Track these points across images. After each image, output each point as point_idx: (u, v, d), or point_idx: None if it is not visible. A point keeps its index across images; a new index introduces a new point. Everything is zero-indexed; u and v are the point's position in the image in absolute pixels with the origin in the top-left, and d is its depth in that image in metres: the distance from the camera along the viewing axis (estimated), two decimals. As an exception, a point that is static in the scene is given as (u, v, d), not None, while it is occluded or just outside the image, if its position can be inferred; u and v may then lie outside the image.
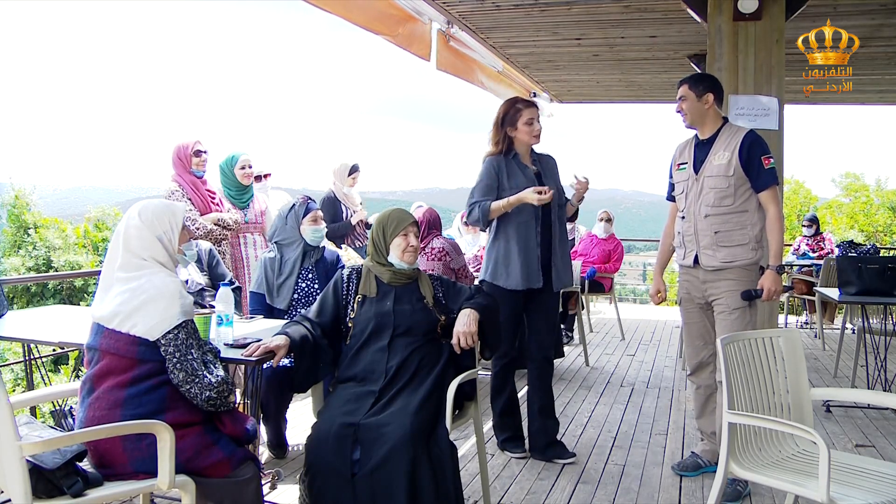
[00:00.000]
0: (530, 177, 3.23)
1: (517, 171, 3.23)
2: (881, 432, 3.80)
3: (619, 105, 9.71)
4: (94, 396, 1.98)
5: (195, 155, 3.90)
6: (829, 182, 18.17)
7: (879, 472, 2.10)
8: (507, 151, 3.25)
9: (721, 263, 2.97)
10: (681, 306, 3.25)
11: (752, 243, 2.97)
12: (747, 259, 2.96)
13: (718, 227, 2.98)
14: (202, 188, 3.91)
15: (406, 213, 2.65)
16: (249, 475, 2.07)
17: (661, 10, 4.80)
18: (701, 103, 3.02)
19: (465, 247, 5.24)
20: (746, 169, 2.93)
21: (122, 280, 2.03)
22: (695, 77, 3.12)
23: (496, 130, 3.26)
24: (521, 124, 3.21)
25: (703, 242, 3.01)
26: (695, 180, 3.05)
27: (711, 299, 3.04)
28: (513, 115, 3.22)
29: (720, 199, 2.97)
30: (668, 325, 7.44)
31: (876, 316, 4.48)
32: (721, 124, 3.05)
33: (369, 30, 4.17)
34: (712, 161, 2.99)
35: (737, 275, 2.96)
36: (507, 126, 3.23)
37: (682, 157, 3.17)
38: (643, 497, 2.96)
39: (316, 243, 3.37)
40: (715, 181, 2.97)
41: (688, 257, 3.09)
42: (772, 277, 2.92)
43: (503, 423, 3.46)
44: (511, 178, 3.21)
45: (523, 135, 3.22)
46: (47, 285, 14.41)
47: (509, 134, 3.24)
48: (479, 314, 2.51)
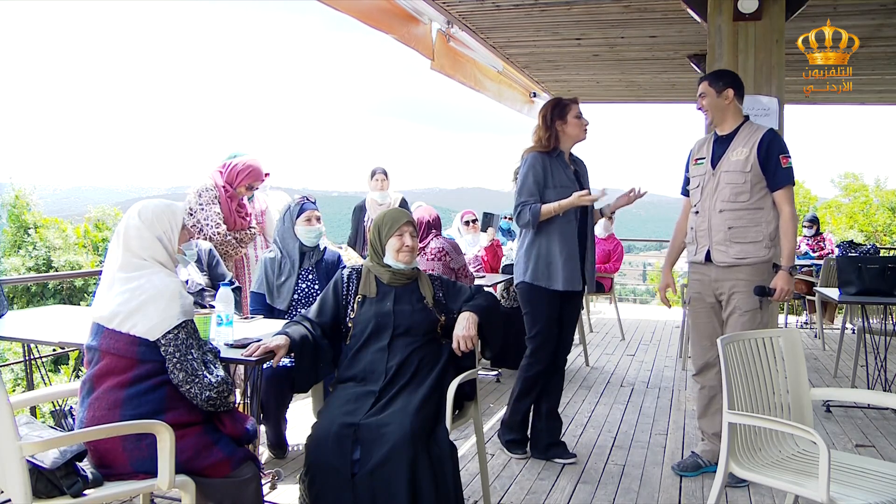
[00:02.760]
0: (571, 177, 3.22)
1: (560, 169, 3.20)
2: (881, 432, 3.80)
3: (619, 105, 9.71)
4: (94, 396, 1.98)
5: (248, 188, 3.84)
6: (829, 182, 18.20)
7: (879, 472, 2.10)
8: (553, 149, 3.22)
9: (733, 260, 2.96)
10: (689, 306, 3.24)
11: (765, 241, 2.95)
12: (760, 257, 2.95)
13: (732, 222, 2.96)
14: (235, 200, 3.84)
15: (401, 213, 2.64)
16: (249, 475, 2.07)
17: (661, 10, 4.80)
18: (721, 99, 3.01)
19: (465, 247, 5.25)
20: (764, 166, 2.91)
21: (122, 280, 2.03)
22: (715, 73, 3.11)
23: (544, 127, 3.22)
24: (571, 117, 3.20)
25: (717, 238, 3.00)
26: (711, 175, 3.04)
27: (722, 298, 3.02)
28: (561, 109, 3.22)
29: (736, 194, 2.95)
30: (668, 325, 7.43)
31: (876, 316, 4.48)
32: (742, 121, 3.04)
33: (374, 26, 4.17)
34: (730, 157, 2.98)
35: (749, 273, 2.95)
36: (556, 120, 3.20)
37: (700, 153, 3.16)
38: (643, 497, 2.96)
39: (311, 243, 3.34)
40: (732, 176, 2.96)
41: (699, 253, 3.07)
42: (785, 278, 2.91)
43: (515, 426, 3.40)
44: (555, 177, 3.18)
45: (573, 128, 3.20)
46: (47, 285, 14.41)
47: (558, 129, 3.20)
48: (478, 317, 2.51)
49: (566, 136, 3.22)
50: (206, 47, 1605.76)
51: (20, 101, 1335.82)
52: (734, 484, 2.95)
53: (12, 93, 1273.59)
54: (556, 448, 3.36)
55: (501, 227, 6.34)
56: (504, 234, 6.42)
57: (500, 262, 5.54)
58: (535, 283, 3.20)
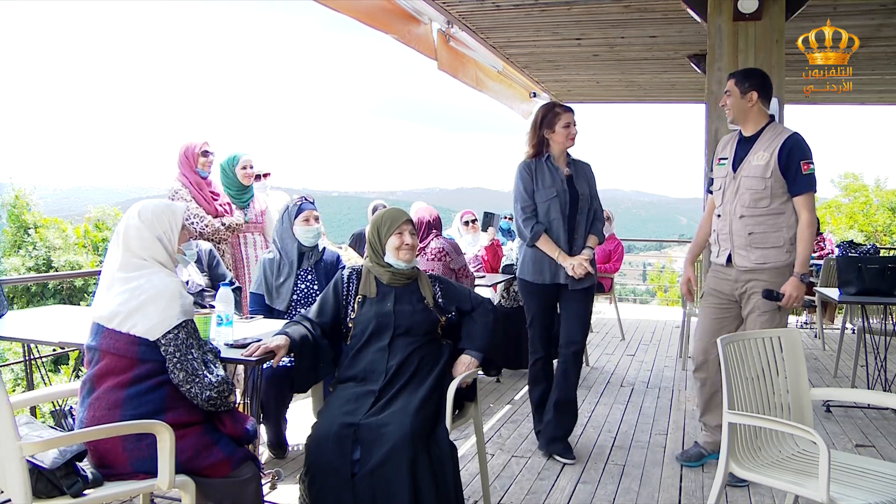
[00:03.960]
0: (560, 178, 3.28)
1: (547, 172, 3.29)
2: (881, 432, 3.80)
3: (619, 105, 9.72)
4: (94, 396, 1.98)
5: (202, 155, 3.91)
6: (829, 182, 18.19)
7: (879, 472, 2.10)
8: (541, 153, 3.32)
9: (754, 264, 2.97)
10: (702, 300, 3.27)
11: (786, 245, 2.95)
12: (781, 261, 2.95)
13: (753, 228, 2.96)
14: (206, 188, 3.92)
15: (400, 212, 2.64)
16: (249, 475, 2.07)
17: (661, 10, 4.80)
18: (745, 100, 2.99)
19: (465, 247, 5.24)
20: (784, 172, 2.90)
21: (122, 280, 2.03)
22: (743, 72, 3.08)
23: (533, 132, 3.33)
24: (558, 127, 3.27)
25: (738, 242, 3.00)
26: (732, 178, 3.03)
27: (743, 298, 3.04)
28: (551, 118, 3.28)
29: (756, 200, 2.95)
30: (668, 325, 7.44)
31: (876, 316, 4.48)
32: (765, 123, 3.01)
33: (374, 27, 4.17)
34: (751, 161, 2.97)
35: (769, 276, 2.95)
36: (544, 128, 3.30)
37: (723, 152, 3.14)
38: (643, 497, 2.96)
39: (310, 244, 3.33)
40: (752, 182, 2.95)
41: (721, 255, 3.09)
42: (795, 284, 2.91)
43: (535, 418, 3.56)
44: (541, 179, 3.28)
45: (560, 137, 3.28)
46: (47, 285, 14.40)
47: (546, 136, 3.30)
48: (479, 360, 2.56)
49: (554, 143, 3.31)
50: (207, 47, 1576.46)
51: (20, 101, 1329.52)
52: (735, 483, 2.95)
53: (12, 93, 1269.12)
54: (557, 444, 3.37)
55: (502, 227, 6.34)
56: (504, 234, 6.42)
57: (500, 262, 5.54)
58: (524, 279, 3.36)
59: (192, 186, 3.86)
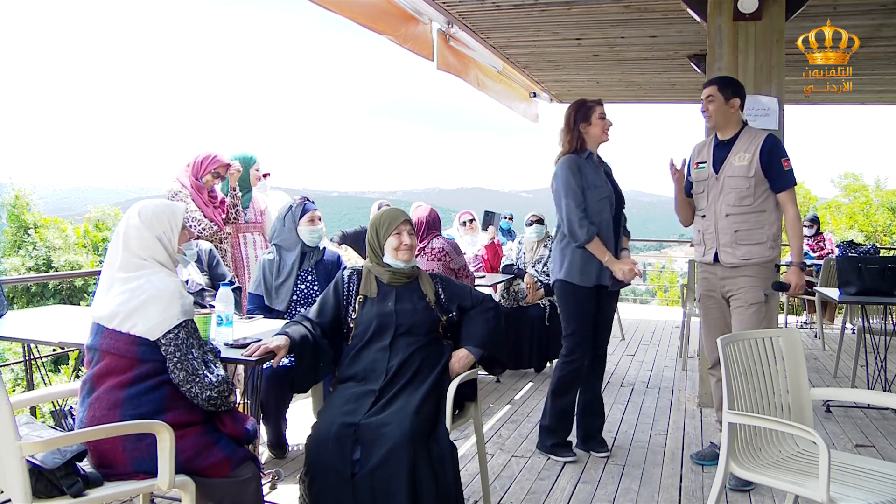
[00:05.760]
0: (603, 178, 3.24)
1: (592, 170, 3.21)
2: (881, 432, 3.80)
3: (619, 105, 9.72)
4: (94, 396, 1.98)
5: (215, 176, 3.89)
6: (829, 182, 18.18)
7: (879, 472, 2.10)
8: (581, 150, 3.23)
9: (739, 261, 3.09)
10: (700, 303, 3.36)
11: (769, 242, 3.08)
12: (765, 257, 3.08)
13: (738, 225, 3.08)
14: (205, 192, 3.90)
15: (398, 212, 2.64)
16: (249, 475, 2.07)
17: (661, 10, 4.80)
18: (728, 107, 3.11)
19: (464, 247, 5.24)
20: (766, 171, 3.03)
21: (122, 280, 2.03)
22: (724, 80, 3.20)
23: (567, 129, 3.25)
24: (595, 118, 3.21)
25: (723, 240, 3.12)
26: (715, 180, 3.14)
27: (729, 295, 3.15)
28: (586, 111, 3.23)
29: (740, 199, 3.07)
30: (668, 325, 7.44)
31: (876, 316, 4.48)
32: (741, 126, 3.14)
33: (372, 28, 4.18)
34: (733, 162, 3.09)
35: (754, 272, 3.08)
36: (580, 123, 3.22)
37: (700, 157, 3.25)
38: (643, 497, 2.96)
39: (314, 244, 3.35)
40: (736, 181, 3.07)
41: (707, 254, 3.20)
42: (797, 273, 3.07)
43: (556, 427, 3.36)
44: (588, 178, 3.18)
45: (596, 129, 3.22)
46: (47, 285, 14.39)
47: (582, 131, 3.22)
48: (476, 356, 2.54)
49: (590, 138, 3.23)
50: (208, 47, 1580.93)
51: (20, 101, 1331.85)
52: (739, 487, 2.94)
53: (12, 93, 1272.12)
54: (591, 441, 3.43)
55: (502, 227, 6.33)
56: (504, 234, 6.42)
57: (500, 262, 5.53)
58: (569, 281, 3.20)
59: (193, 189, 3.84)
